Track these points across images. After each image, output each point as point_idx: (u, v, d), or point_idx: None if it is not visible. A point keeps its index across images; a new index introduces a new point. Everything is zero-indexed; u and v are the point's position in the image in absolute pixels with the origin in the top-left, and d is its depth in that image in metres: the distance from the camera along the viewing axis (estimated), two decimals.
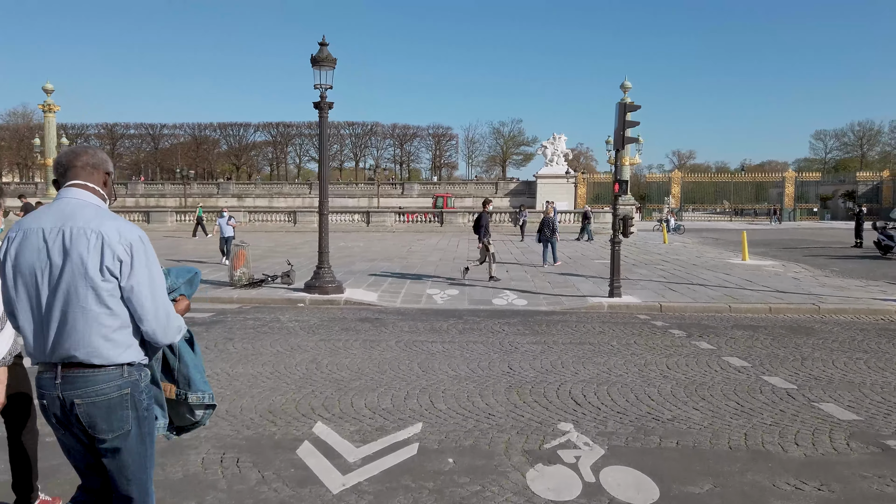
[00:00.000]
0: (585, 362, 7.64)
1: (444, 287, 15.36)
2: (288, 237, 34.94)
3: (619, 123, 13.49)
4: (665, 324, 10.74)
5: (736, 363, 7.64)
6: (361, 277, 16.87)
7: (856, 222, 28.55)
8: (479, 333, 9.64)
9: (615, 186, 13.67)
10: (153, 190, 74.10)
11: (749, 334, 9.68)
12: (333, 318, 11.19)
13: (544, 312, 12.21)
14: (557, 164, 62.87)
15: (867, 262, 21.83)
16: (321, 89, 13.88)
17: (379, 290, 14.93)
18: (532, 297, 14.10)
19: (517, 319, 11.09)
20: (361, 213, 44.40)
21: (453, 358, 7.84)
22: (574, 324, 10.65)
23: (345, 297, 13.64)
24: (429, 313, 11.90)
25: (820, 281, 16.81)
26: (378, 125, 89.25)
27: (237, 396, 6.05)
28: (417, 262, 20.66)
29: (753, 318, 11.88)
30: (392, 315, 11.60)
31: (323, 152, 14.24)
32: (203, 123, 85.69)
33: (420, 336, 9.37)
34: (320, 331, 9.78)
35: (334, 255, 23.01)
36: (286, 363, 7.51)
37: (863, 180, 63.36)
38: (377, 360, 7.72)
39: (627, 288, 14.82)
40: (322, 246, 14.21)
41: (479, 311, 12.15)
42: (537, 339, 9.15)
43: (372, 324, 10.47)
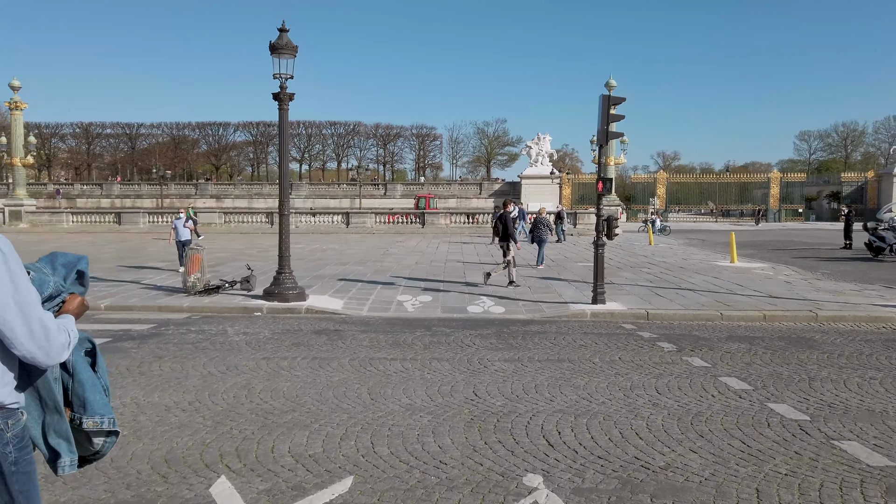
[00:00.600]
0: (563, 385, 6.61)
1: (416, 293, 14.30)
2: (262, 239, 33.70)
3: (602, 117, 12.52)
4: (653, 335, 9.75)
5: (735, 385, 6.64)
6: (329, 283, 15.77)
7: (845, 223, 27.87)
8: (446, 348, 8.59)
9: (599, 185, 12.69)
10: (129, 191, 72.30)
11: (746, 348, 8.71)
12: (288, 329, 10.09)
13: (522, 321, 11.20)
14: (542, 165, 62.07)
15: (859, 264, 21.08)
16: (281, 79, 12.77)
17: (346, 296, 13.84)
18: (510, 304, 13.09)
19: (491, 330, 10.06)
20: (341, 214, 43.22)
21: (411, 381, 6.77)
22: (553, 335, 9.63)
23: (307, 305, 12.54)
24: (396, 323, 10.84)
25: (813, 285, 15.97)
26: (360, 125, 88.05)
27: (135, 438, 4.94)
28: (392, 266, 19.59)
29: (748, 326, 10.95)
30: (354, 326, 10.52)
31: (282, 148, 13.12)
32: (182, 123, 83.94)
33: (379, 352, 8.30)
34: (268, 346, 8.67)
35: (306, 258, 21.92)
36: (212, 389, 6.41)
37: (847, 181, 63.08)
38: (322, 384, 6.64)
39: (612, 293, 13.86)
40: (282, 249, 13.09)
41: (451, 321, 11.11)
42: (511, 355, 8.11)
43: (328, 337, 9.38)
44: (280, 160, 13.29)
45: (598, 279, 12.74)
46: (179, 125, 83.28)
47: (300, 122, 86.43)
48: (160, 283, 15.30)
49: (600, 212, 13.12)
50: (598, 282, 12.73)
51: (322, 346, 8.74)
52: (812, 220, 61.22)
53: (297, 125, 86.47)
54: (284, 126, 12.97)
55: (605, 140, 12.65)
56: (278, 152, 13.38)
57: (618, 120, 12.80)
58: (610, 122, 12.60)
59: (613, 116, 12.66)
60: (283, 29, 12.77)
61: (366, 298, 13.62)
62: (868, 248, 23.27)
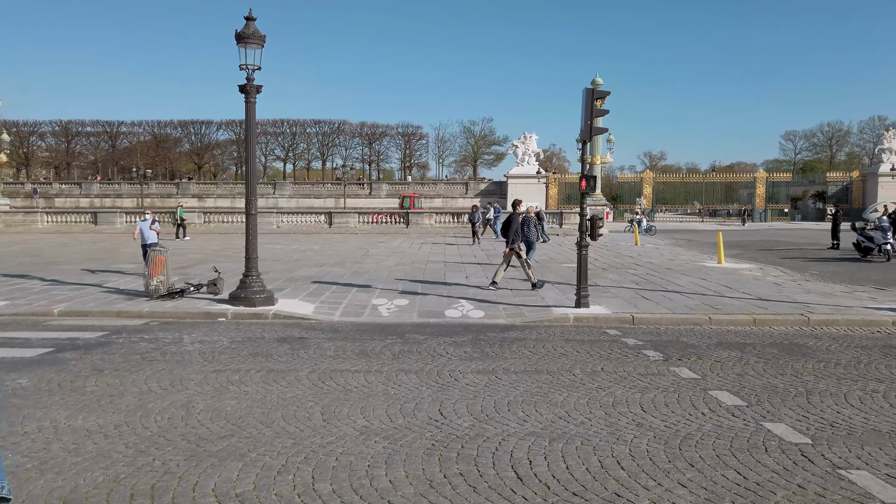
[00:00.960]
0: (539, 402, 5.99)
1: (393, 296, 13.65)
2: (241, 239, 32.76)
3: (586, 111, 11.94)
4: (638, 341, 9.17)
5: (727, 401, 6.06)
6: (303, 285, 15.07)
7: (832, 223, 27.55)
8: (416, 358, 7.95)
9: (582, 183, 12.11)
10: (109, 190, 70.95)
11: (737, 356, 8.15)
12: (249, 337, 9.40)
13: (501, 327, 10.60)
14: (528, 164, 61.62)
15: (847, 265, 20.71)
16: (248, 70, 12.06)
17: (318, 300, 13.17)
18: (490, 308, 12.48)
19: (467, 338, 9.43)
20: (324, 213, 42.41)
21: (372, 397, 6.13)
22: (532, 343, 9.02)
23: (274, 310, 11.85)
24: (367, 329, 10.19)
25: (803, 286, 15.50)
26: (346, 123, 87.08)
27: (38, 472, 4.26)
28: (371, 267, 18.91)
29: (738, 331, 10.41)
30: (322, 333, 9.85)
31: (249, 144, 12.41)
32: (163, 121, 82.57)
33: (343, 363, 7.65)
34: (222, 356, 7.99)
35: (283, 259, 21.17)
36: (147, 409, 5.73)
37: (833, 181, 63.21)
38: (272, 401, 5.98)
39: (597, 296, 13.30)
40: (249, 251, 12.39)
41: (426, 327, 10.48)
42: (485, 366, 7.49)
43: (291, 346, 8.71)
44: (246, 157, 12.58)
45: (581, 282, 12.17)
46: (161, 123, 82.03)
47: (284, 121, 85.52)
48: (124, 287, 14.54)
49: (584, 211, 12.55)
50: (582, 284, 12.16)
51: (282, 356, 8.07)
52: (798, 219, 61.25)
53: (282, 123, 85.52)
54: (251, 121, 12.26)
55: (590, 136, 12.07)
56: (244, 148, 12.67)
57: (602, 115, 12.24)
58: (594, 117, 12.03)
59: (598, 111, 12.10)
60: (250, 17, 12.07)
61: (339, 302, 12.96)
62: (856, 248, 22.92)
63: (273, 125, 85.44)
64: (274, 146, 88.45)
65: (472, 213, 31.56)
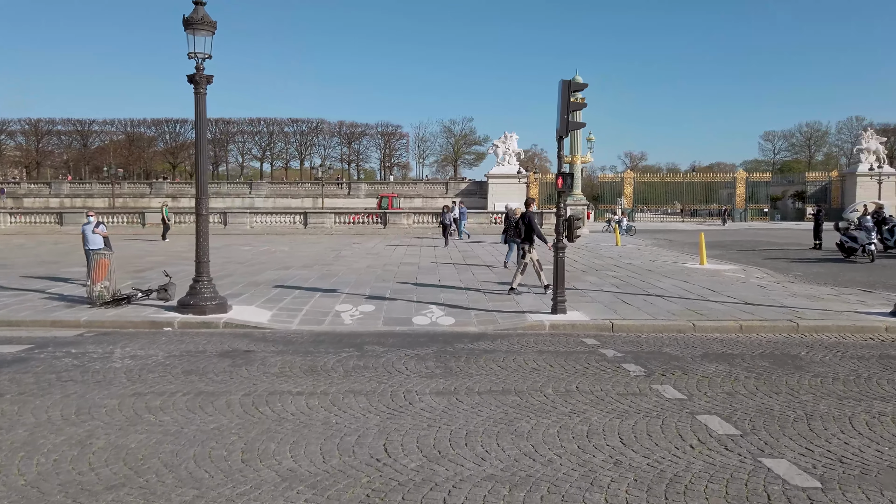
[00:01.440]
0: (503, 432, 5.16)
1: (359, 302, 12.77)
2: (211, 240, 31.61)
3: (562, 105, 11.15)
4: (617, 353, 8.39)
5: (718, 429, 5.28)
6: (263, 290, 14.12)
7: (814, 223, 27.13)
8: (370, 375, 7.09)
9: (558, 181, 11.33)
10: (79, 190, 69.09)
11: (725, 370, 7.39)
12: (189, 351, 8.46)
13: (471, 336, 9.77)
14: (509, 164, 61.01)
15: (831, 266, 20.21)
16: (197, 59, 11.11)
17: (277, 306, 12.24)
18: (462, 314, 11.66)
19: (432, 349, 8.59)
20: (299, 214, 41.30)
21: (308, 428, 5.26)
22: (503, 356, 8.20)
23: (226, 318, 10.91)
24: (324, 340, 9.31)
25: (788, 289, 14.90)
26: (324, 122, 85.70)
27: None
28: (341, 270, 18.00)
29: (724, 339, 9.69)
30: (273, 345, 8.94)
31: (199, 138, 11.45)
32: (136, 119, 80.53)
33: (285, 383, 6.76)
34: (150, 376, 7.05)
35: (248, 262, 20.12)
36: (35, 447, 4.80)
37: (812, 181, 63.41)
38: (188, 435, 5.08)
39: (574, 300, 12.54)
40: (199, 254, 11.43)
41: (389, 336, 9.62)
42: (447, 385, 6.65)
43: (233, 361, 7.80)
44: (196, 153, 11.61)
45: (557, 286, 11.39)
46: (134, 122, 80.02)
47: (261, 119, 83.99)
48: (69, 293, 13.49)
49: (560, 211, 11.77)
50: (559, 289, 11.39)
51: (219, 374, 7.15)
52: (777, 219, 61.31)
53: (258, 122, 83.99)
54: (202, 113, 11.30)
55: (566, 131, 11.28)
56: (194, 143, 11.71)
57: (580, 108, 11.47)
58: (571, 111, 11.25)
59: (575, 105, 11.33)
60: (199, 1, 11.11)
61: (299, 309, 12.05)
62: (840, 248, 22.48)
63: (250, 124, 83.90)
64: (251, 146, 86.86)
65: (444, 214, 29.94)
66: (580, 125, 12.16)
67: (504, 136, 61.39)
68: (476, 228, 39.40)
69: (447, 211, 30.05)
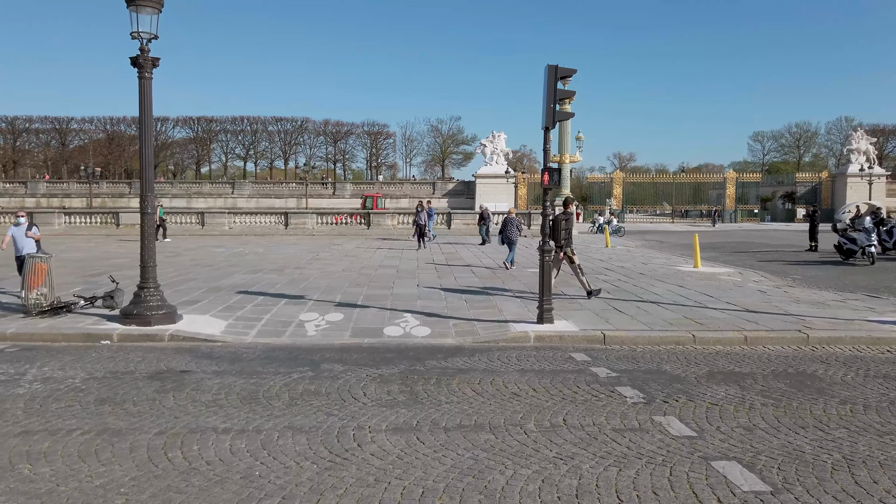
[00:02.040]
0: (468, 493, 4.04)
1: (327, 309, 11.64)
2: (185, 241, 30.38)
3: (548, 93, 10.08)
4: (611, 372, 7.32)
5: (741, 482, 4.19)
6: (224, 296, 12.94)
7: (810, 224, 26.29)
8: (319, 404, 5.97)
9: (544, 177, 10.25)
10: (56, 189, 67.35)
11: (737, 395, 6.34)
12: (115, 372, 7.29)
13: (447, 350, 8.68)
14: (497, 164, 60.03)
15: (830, 269, 19.33)
16: (141, 39, 9.93)
17: (234, 315, 11.08)
18: (438, 324, 10.57)
19: (399, 368, 7.48)
20: (280, 214, 40.03)
21: (221, 485, 4.12)
22: (479, 376, 7.11)
23: (173, 330, 9.74)
24: (278, 357, 8.17)
25: (790, 294, 13.94)
26: (308, 121, 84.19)
27: None
28: (313, 274, 16.83)
29: (729, 354, 8.66)
30: (217, 362, 7.80)
31: (144, 128, 10.25)
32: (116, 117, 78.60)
33: (214, 416, 5.62)
34: (55, 406, 5.89)
35: (216, 265, 18.83)
36: None
37: (802, 181, 62.94)
38: (61, 499, 3.92)
39: (563, 307, 11.49)
40: (145, 257, 10.22)
41: (353, 351, 8.51)
42: (409, 418, 5.55)
43: (162, 385, 6.64)
44: (140, 144, 10.41)
45: (543, 293, 10.32)
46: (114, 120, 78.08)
47: (245, 118, 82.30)
48: (6, 301, 12.24)
49: (547, 211, 10.68)
50: (545, 296, 10.32)
51: (139, 403, 6.00)
52: (767, 220, 60.77)
53: (242, 121, 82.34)
54: (146, 100, 10.11)
55: (553, 121, 10.21)
56: (138, 133, 10.51)
57: (568, 97, 10.41)
58: (558, 100, 10.18)
59: (562, 92, 10.26)
60: None
61: (259, 318, 10.90)
62: (838, 250, 21.63)
63: (233, 122, 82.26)
64: (234, 145, 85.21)
65: (418, 213, 27.68)
66: (568, 115, 11.04)
67: (492, 135, 60.39)
68: (463, 229, 38.34)
69: (421, 210, 27.91)
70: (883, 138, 71.63)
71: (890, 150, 79.53)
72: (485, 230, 29.35)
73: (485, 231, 29.33)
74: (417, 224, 26.94)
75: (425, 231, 26.87)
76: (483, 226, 29.44)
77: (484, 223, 29.50)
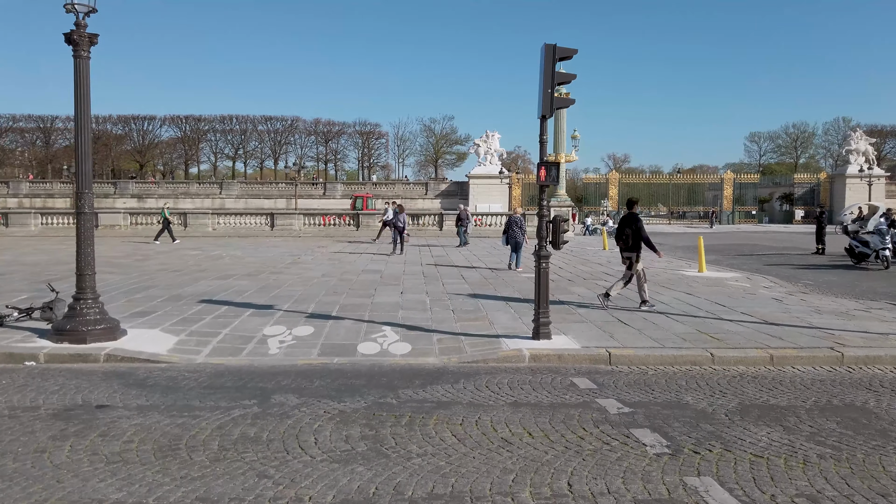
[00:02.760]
0: None
1: (296, 322, 10.34)
2: (161, 245, 28.97)
3: (545, 76, 8.82)
4: (622, 407, 6.05)
5: None
6: (184, 306, 11.60)
7: (817, 226, 25.11)
8: (253, 457, 4.66)
9: (541, 172, 8.97)
10: (39, 189, 65.67)
11: (784, 442, 5.07)
12: (16, 407, 5.96)
13: (427, 374, 7.41)
14: (491, 164, 58.77)
15: (843, 274, 18.17)
16: (77, 13, 8.60)
17: (189, 329, 9.75)
18: (421, 339, 9.30)
19: (366, 402, 6.19)
20: (265, 215, 38.62)
21: None
22: (463, 413, 5.82)
23: (111, 348, 8.40)
24: (222, 385, 6.86)
25: (808, 302, 12.75)
26: (299, 120, 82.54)
27: None
28: (289, 280, 15.50)
29: (755, 377, 7.43)
30: (148, 392, 6.47)
31: (81, 116, 8.91)
32: (102, 116, 76.68)
33: (109, 479, 4.30)
34: None
35: (184, 270, 17.26)
36: None
37: (800, 182, 61.97)
38: None
39: (561, 319, 10.25)
40: (81, 264, 8.88)
41: (316, 376, 7.22)
42: (364, 484, 4.24)
43: (66, 426, 5.33)
44: (77, 133, 9.09)
45: (540, 304, 9.05)
46: (100, 119, 76.06)
47: (234, 117, 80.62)
48: None
49: (543, 211, 9.40)
50: (541, 308, 9.04)
51: (24, 457, 4.68)
52: (765, 221, 59.77)
53: (231, 120, 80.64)
54: (83, 82, 8.78)
55: (551, 109, 8.94)
56: (74, 122, 9.16)
57: (567, 81, 9.13)
58: (556, 84, 8.91)
59: (561, 76, 8.98)
60: None
61: (216, 332, 9.57)
62: (849, 254, 20.47)
63: (221, 121, 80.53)
64: (223, 144, 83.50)
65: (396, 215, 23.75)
66: (569, 102, 9.72)
67: (486, 134, 59.14)
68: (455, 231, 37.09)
69: (399, 212, 23.84)
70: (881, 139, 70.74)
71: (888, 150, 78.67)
72: (463, 231, 27.55)
73: (463, 233, 27.53)
74: (394, 225, 23.61)
75: (404, 236, 23.77)
76: (461, 227, 27.61)
77: (462, 224, 27.66)
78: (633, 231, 11.66)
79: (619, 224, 12.15)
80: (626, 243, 11.83)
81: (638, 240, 11.64)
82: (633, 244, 11.67)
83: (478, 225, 37.85)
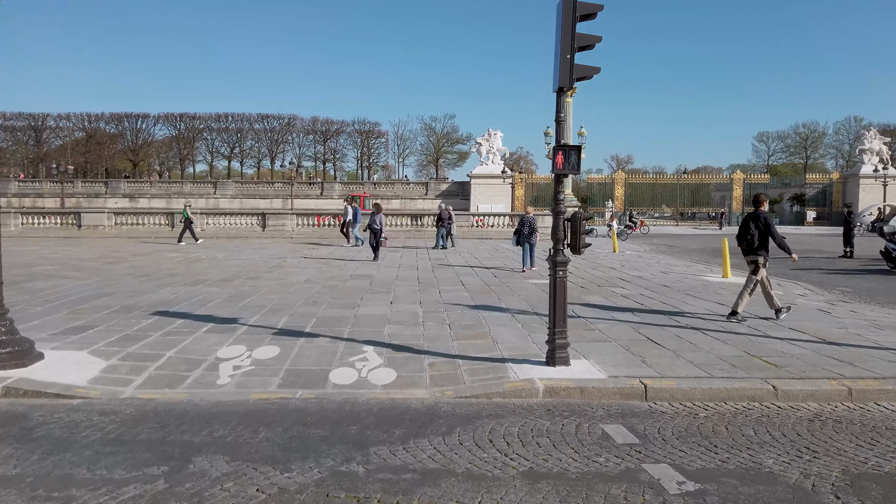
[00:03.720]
0: None
1: (260, 340, 8.58)
2: (143, 246, 27.24)
3: (562, 38, 7.06)
4: (683, 480, 4.30)
5: None
6: (132, 319, 9.85)
7: (844, 228, 23.32)
8: None
9: (557, 158, 7.20)
10: (29, 189, 64.02)
11: None
12: None
13: (411, 419, 5.65)
14: (493, 163, 56.98)
15: (881, 279, 16.44)
16: None
17: (126, 350, 8.00)
18: (409, 363, 7.56)
19: (320, 472, 4.46)
20: (257, 215, 36.85)
21: None
22: (455, 488, 4.07)
23: (15, 378, 6.68)
24: (133, 438, 5.11)
25: (860, 314, 11.07)
26: (296, 118, 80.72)
27: None
28: (267, 286, 13.73)
29: (841, 421, 5.70)
30: (27, 450, 4.74)
31: None
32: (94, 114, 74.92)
33: None
34: None
35: (153, 275, 15.26)
36: None
37: (811, 182, 60.11)
38: None
39: (578, 336, 8.52)
40: None
41: (263, 422, 5.47)
42: None
43: None
44: None
45: (556, 322, 7.28)
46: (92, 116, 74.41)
47: (229, 115, 78.85)
48: None
49: (559, 207, 7.61)
50: (557, 327, 7.28)
51: None
52: (776, 223, 57.88)
53: (226, 118, 78.91)
54: None
55: (570, 80, 7.16)
56: None
57: (589, 46, 7.34)
58: (576, 49, 7.14)
59: (583, 38, 7.21)
60: None
61: (159, 355, 7.81)
62: (885, 257, 18.73)
63: (217, 120, 78.73)
64: (219, 143, 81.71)
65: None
66: (593, 70, 7.80)
67: (488, 133, 57.37)
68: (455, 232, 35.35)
69: (376, 213, 20.53)
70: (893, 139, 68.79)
71: None
72: (444, 233, 25.06)
73: (444, 234, 25.07)
74: (371, 229, 20.39)
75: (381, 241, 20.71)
76: (442, 228, 25.08)
77: (443, 225, 25.12)
78: (761, 230, 9.95)
79: (742, 223, 10.51)
80: (749, 244, 10.11)
81: (765, 240, 9.93)
82: (760, 244, 9.95)
83: (479, 226, 36.10)
